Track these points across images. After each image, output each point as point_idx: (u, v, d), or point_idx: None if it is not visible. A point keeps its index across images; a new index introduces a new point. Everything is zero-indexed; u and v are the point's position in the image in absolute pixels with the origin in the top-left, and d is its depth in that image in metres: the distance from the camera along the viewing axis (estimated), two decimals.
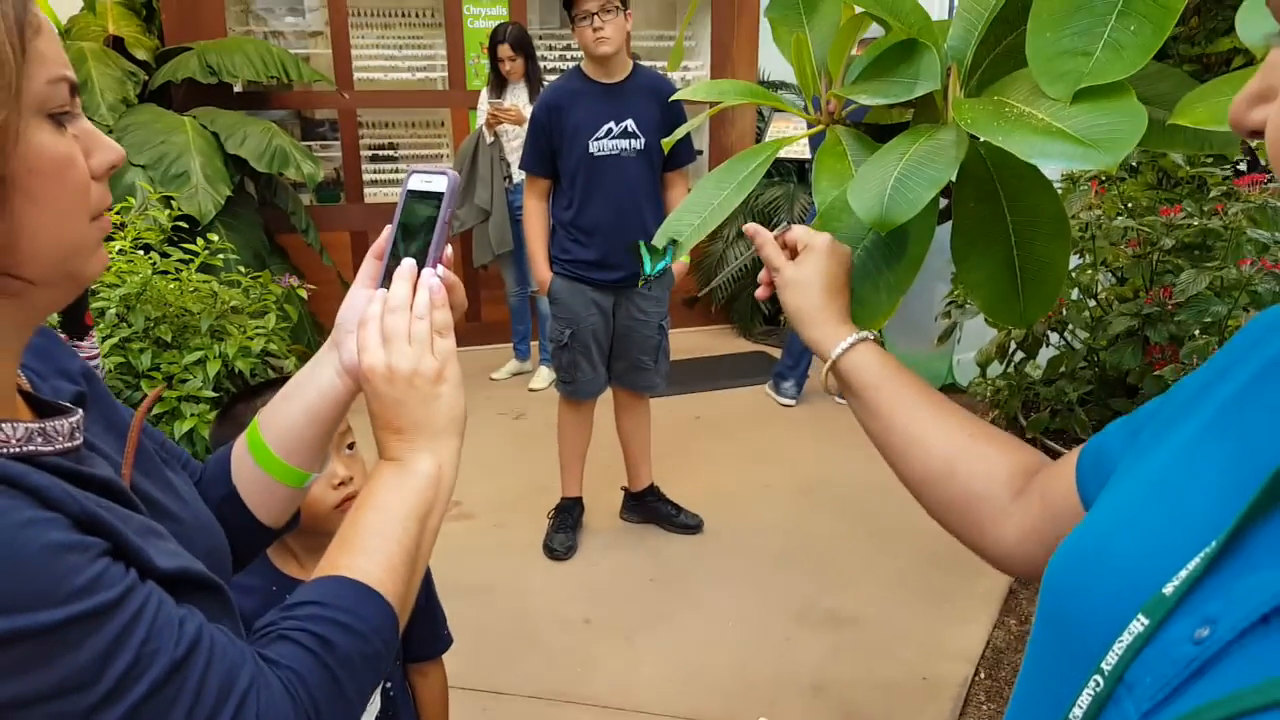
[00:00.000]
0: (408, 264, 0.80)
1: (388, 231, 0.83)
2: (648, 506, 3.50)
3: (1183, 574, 0.48)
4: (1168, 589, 0.48)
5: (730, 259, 5.67)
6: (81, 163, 0.62)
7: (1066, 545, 0.60)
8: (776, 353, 5.19)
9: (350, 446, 1.45)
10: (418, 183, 0.83)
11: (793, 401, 4.66)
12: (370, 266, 0.84)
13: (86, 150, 0.62)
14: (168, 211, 3.38)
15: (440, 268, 0.81)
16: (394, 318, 0.77)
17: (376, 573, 0.71)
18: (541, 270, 3.16)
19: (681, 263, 3.28)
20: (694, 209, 1.05)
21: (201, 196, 3.95)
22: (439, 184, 0.82)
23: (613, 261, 3.05)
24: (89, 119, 0.64)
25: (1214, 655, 0.45)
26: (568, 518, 3.38)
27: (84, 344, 1.31)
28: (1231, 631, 0.44)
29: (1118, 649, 0.49)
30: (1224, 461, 0.54)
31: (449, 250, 0.83)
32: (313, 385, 0.85)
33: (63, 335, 1.25)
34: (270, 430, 0.85)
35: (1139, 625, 0.48)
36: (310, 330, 4.62)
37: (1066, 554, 0.59)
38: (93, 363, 1.28)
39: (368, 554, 0.72)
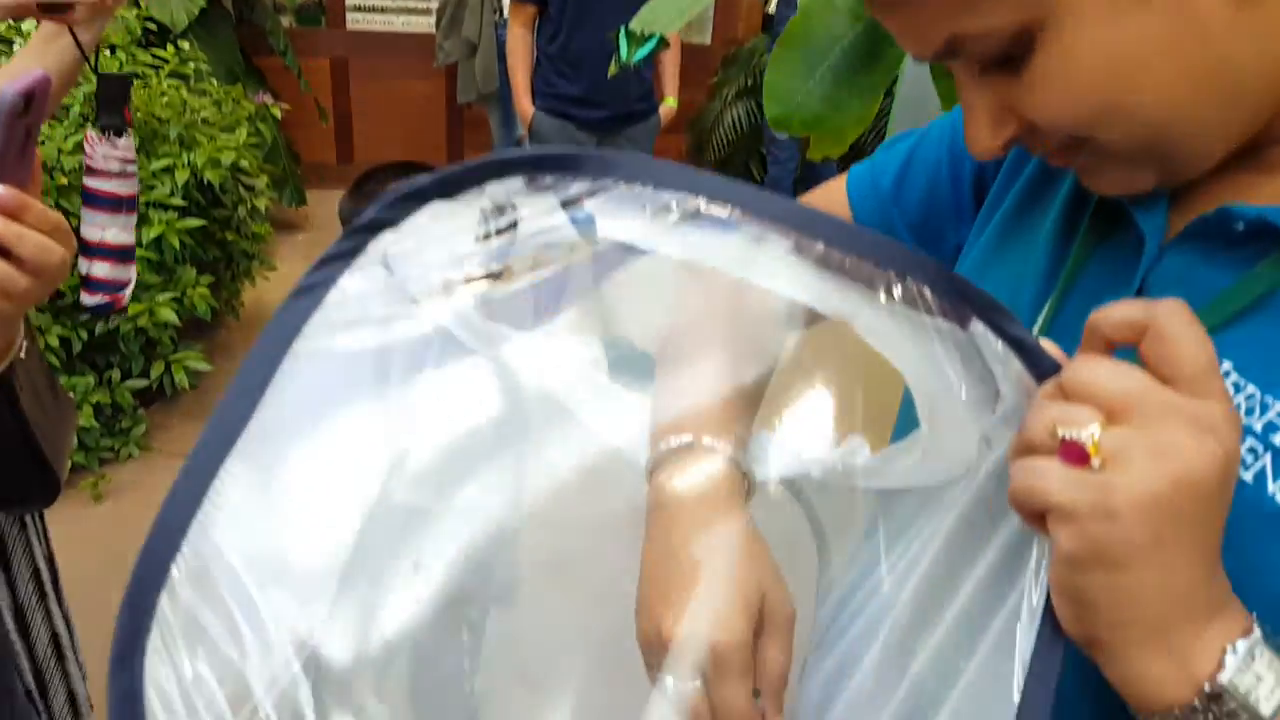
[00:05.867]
0: None
1: None
2: None
3: (1039, 320, 0.53)
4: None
5: (727, 119, 5.51)
6: None
7: None
8: None
9: None
10: None
11: None
12: None
13: None
14: (136, 11, 3.21)
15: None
16: None
17: None
18: (523, 102, 3.04)
19: (669, 107, 3.20)
20: None
21: (174, 3, 3.76)
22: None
23: (598, 98, 2.95)
24: None
25: None
26: None
27: (120, 141, 1.12)
28: None
29: None
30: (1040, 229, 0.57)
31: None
32: None
33: (98, 130, 1.11)
34: None
35: None
36: (286, 157, 4.49)
37: None
38: (130, 167, 1.13)
39: None
